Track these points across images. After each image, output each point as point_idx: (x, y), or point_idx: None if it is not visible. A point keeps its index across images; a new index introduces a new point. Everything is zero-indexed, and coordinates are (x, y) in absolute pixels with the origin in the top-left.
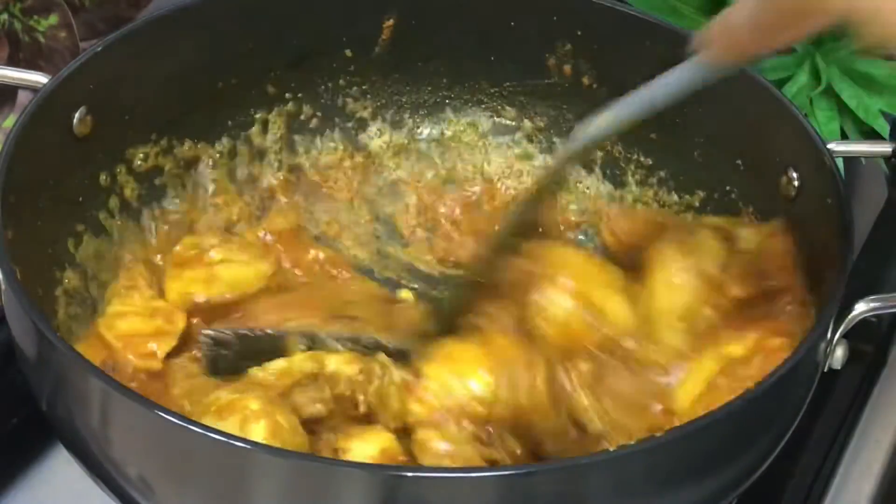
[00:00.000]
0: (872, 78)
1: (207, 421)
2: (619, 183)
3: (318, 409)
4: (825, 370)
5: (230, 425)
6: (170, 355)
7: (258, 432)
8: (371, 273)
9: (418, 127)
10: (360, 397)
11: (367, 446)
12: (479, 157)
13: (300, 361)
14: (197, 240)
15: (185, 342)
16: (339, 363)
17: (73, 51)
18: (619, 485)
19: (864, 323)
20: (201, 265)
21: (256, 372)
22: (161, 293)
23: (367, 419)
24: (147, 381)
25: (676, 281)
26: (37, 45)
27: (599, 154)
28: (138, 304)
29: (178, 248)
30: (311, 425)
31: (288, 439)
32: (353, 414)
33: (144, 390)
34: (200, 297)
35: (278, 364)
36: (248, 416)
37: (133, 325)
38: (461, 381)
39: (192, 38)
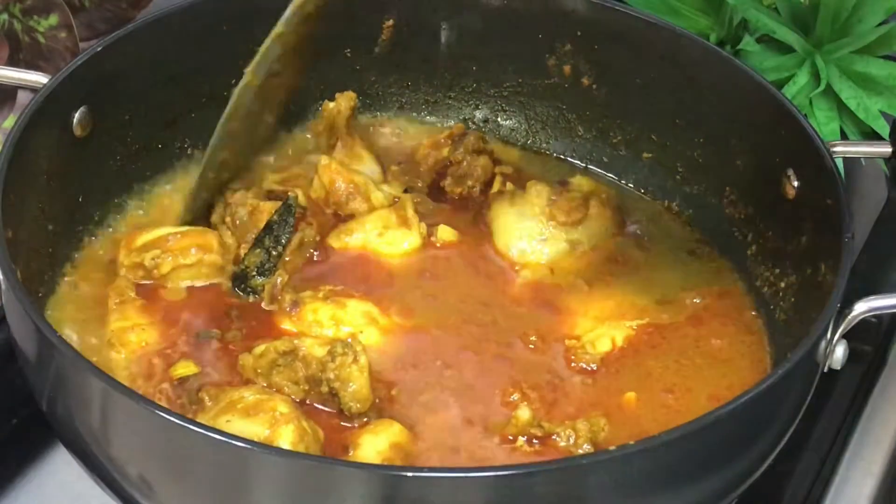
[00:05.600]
0: (872, 78)
1: (232, 418)
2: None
3: (294, 389)
4: (825, 370)
5: (258, 425)
6: None
7: (287, 435)
8: None
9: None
10: (323, 376)
11: (377, 440)
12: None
13: (277, 343)
14: (137, 258)
15: None
16: (312, 346)
17: (73, 51)
18: (619, 485)
19: (864, 323)
20: (153, 279)
21: (246, 357)
22: (149, 300)
23: (333, 399)
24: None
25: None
26: (37, 46)
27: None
28: (135, 316)
29: (123, 271)
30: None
31: (311, 444)
32: (324, 397)
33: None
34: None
35: (259, 348)
36: (278, 419)
37: (141, 336)
38: None
39: (192, 38)
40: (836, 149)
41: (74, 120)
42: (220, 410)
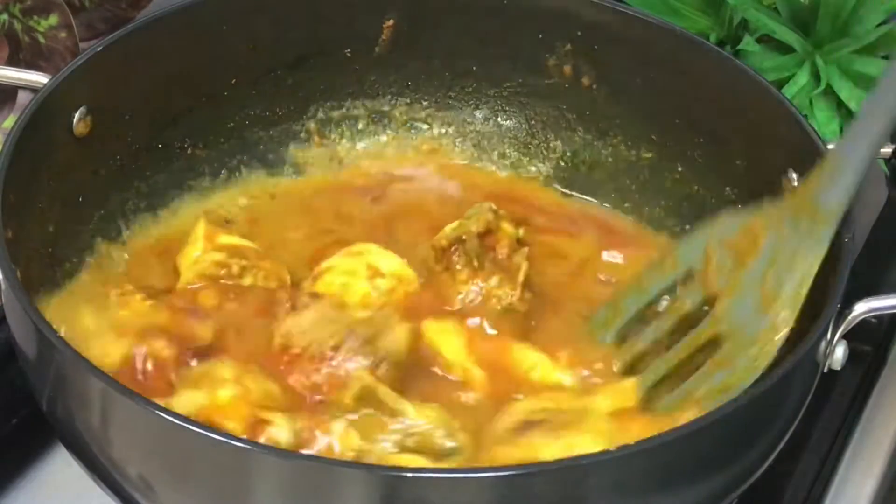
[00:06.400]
0: (872, 78)
1: (184, 393)
2: None
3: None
4: (825, 370)
5: (200, 392)
6: None
7: (223, 396)
8: None
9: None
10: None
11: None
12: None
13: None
14: (219, 256)
15: None
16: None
17: (73, 51)
18: (619, 485)
19: (864, 323)
20: (222, 277)
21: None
22: (149, 293)
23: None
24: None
25: None
26: (37, 45)
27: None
28: (137, 305)
29: (198, 252)
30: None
31: (260, 400)
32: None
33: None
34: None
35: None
36: (217, 383)
37: (145, 319)
38: None
39: (192, 38)
40: None
41: (74, 120)
42: (180, 388)
